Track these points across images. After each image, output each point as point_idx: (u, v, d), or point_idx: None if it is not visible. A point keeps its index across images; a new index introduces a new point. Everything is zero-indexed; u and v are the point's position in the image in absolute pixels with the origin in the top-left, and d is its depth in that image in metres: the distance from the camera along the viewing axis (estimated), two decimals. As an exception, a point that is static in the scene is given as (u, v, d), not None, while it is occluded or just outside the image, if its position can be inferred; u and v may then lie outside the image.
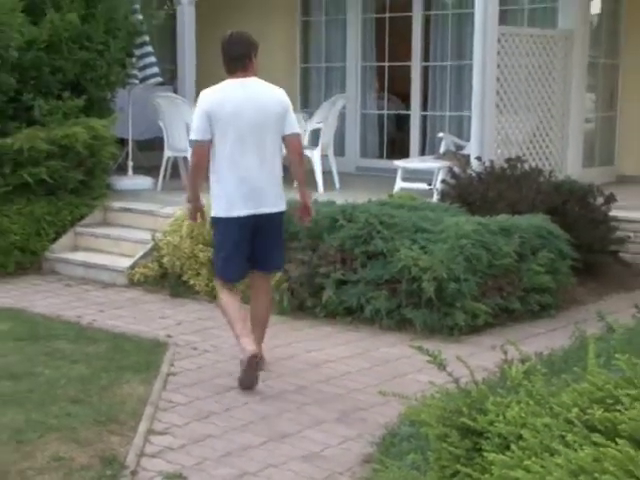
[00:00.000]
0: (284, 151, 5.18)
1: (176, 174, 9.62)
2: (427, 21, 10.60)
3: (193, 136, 4.98)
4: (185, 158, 9.37)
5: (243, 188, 4.94)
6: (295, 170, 5.19)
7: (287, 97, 5.15)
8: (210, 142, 4.94)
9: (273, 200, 5.05)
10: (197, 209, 5.21)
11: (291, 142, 5.07)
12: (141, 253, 7.68)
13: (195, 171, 5.07)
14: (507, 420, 2.54)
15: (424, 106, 10.68)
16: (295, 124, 5.07)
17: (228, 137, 4.92)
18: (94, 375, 5.12)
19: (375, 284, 6.16)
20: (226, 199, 4.96)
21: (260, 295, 5.26)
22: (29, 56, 8.27)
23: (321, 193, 8.88)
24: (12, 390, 4.85)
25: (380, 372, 5.25)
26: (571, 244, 6.59)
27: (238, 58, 5.07)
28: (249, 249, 5.05)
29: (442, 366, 2.90)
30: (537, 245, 6.41)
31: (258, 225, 5.01)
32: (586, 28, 9.07)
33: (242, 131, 4.92)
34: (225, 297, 5.14)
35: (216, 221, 5.06)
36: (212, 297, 6.92)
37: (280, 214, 5.14)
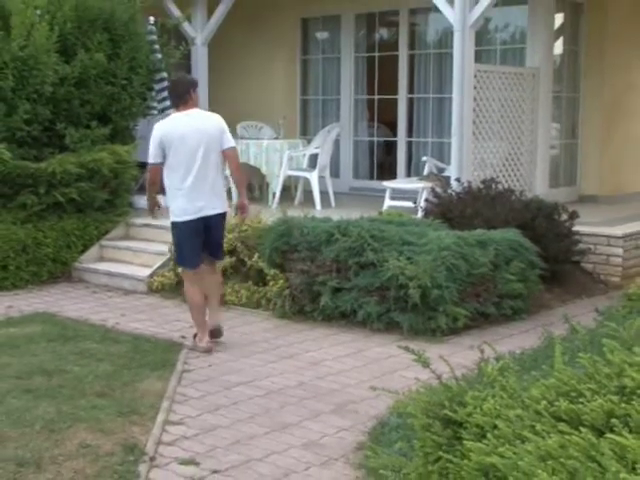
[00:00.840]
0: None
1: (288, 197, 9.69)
2: (412, 59, 10.60)
3: (150, 160, 5.61)
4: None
5: (192, 196, 5.53)
6: (234, 175, 5.92)
7: (223, 121, 5.71)
8: (162, 164, 5.57)
9: (216, 204, 5.64)
10: (153, 204, 5.88)
11: (229, 154, 5.67)
12: (159, 263, 7.66)
13: (150, 186, 5.78)
14: (484, 412, 2.53)
15: (409, 133, 10.67)
16: (231, 140, 5.64)
17: (178, 157, 5.52)
18: (117, 372, 5.10)
19: (367, 291, 6.14)
20: (180, 207, 5.57)
21: (209, 275, 5.83)
22: (62, 91, 8.30)
23: (319, 210, 8.88)
24: (45, 385, 4.83)
25: (371, 369, 5.23)
26: (539, 255, 6.58)
27: (180, 96, 5.65)
28: (201, 243, 5.67)
29: (426, 364, 2.89)
30: (510, 256, 6.40)
31: (207, 225, 5.62)
32: (550, 66, 9.11)
33: (189, 151, 5.53)
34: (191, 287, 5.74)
35: (174, 224, 5.68)
36: (222, 302, 6.91)
37: (221, 214, 5.73)
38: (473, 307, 6.10)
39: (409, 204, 8.20)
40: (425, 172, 9.01)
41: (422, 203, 7.88)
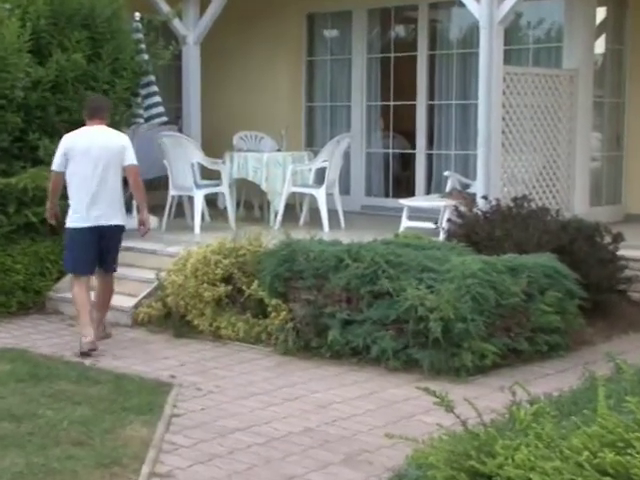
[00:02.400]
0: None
1: (180, 213, 9.66)
2: (432, 60, 10.69)
3: (53, 167, 6.79)
4: (191, 197, 9.42)
5: (89, 206, 6.63)
6: (134, 191, 6.92)
7: (127, 139, 6.85)
8: (64, 173, 6.71)
9: (111, 216, 6.70)
10: (53, 214, 7.02)
11: (129, 170, 6.76)
12: (145, 292, 7.67)
13: (52, 193, 6.92)
14: (516, 463, 2.51)
15: (429, 145, 10.74)
16: (132, 158, 6.71)
17: (80, 167, 6.65)
18: (97, 417, 5.08)
19: (381, 324, 6.14)
20: (77, 214, 6.67)
21: (101, 285, 6.99)
22: (35, 96, 8.32)
23: (326, 232, 8.90)
24: (13, 432, 4.81)
25: (387, 414, 5.21)
26: (579, 283, 6.57)
27: (99, 110, 6.85)
28: (95, 253, 6.73)
29: (449, 408, 2.88)
30: (545, 284, 6.39)
31: (101, 235, 6.68)
32: (590, 67, 9.14)
33: (90, 162, 6.63)
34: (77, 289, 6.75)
35: (66, 230, 6.78)
36: (216, 337, 6.92)
37: (118, 227, 6.77)
38: (503, 343, 6.09)
39: (429, 225, 8.21)
40: (447, 189, 9.04)
41: (444, 224, 7.89)
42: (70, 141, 6.75)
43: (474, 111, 9.00)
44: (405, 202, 8.77)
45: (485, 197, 7.69)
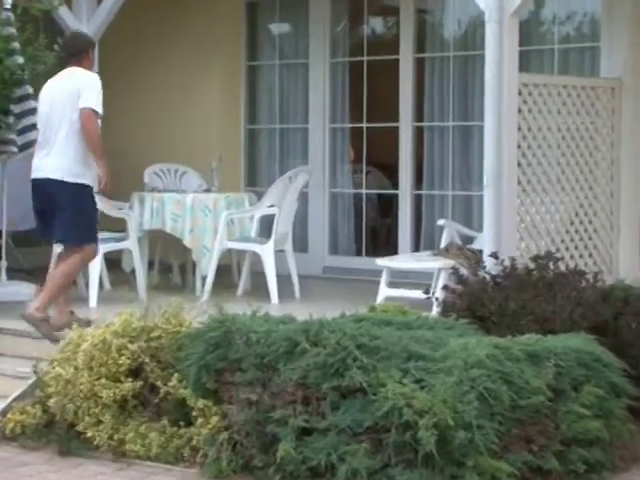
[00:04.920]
0: None
1: None
2: (420, 66, 10.82)
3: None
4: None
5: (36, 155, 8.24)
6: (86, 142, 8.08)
7: (87, 79, 8.06)
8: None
9: (50, 167, 8.00)
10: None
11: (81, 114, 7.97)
12: (17, 392, 7.57)
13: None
14: None
15: (418, 183, 10.81)
16: (88, 100, 7.91)
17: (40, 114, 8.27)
18: None
19: (352, 434, 6.10)
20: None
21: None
22: None
23: (275, 304, 8.88)
24: None
25: None
26: (627, 375, 6.59)
27: (75, 53, 8.26)
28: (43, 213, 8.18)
29: None
30: (579, 377, 6.41)
31: (43, 191, 8.03)
32: (639, 76, 9.16)
33: (46, 108, 8.15)
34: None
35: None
36: (119, 455, 6.84)
37: (59, 183, 7.96)
38: (522, 459, 6.07)
39: (418, 294, 8.20)
40: (443, 243, 9.06)
41: (438, 293, 7.90)
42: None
43: (478, 136, 9.10)
44: (385, 263, 8.77)
45: (495, 255, 7.71)
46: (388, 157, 10.99)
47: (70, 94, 7.96)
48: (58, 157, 8.01)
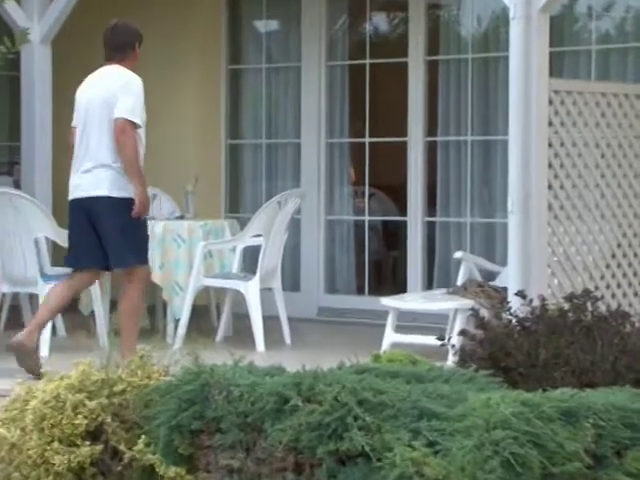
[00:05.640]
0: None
1: (17, 321, 9.63)
2: (433, 71, 10.89)
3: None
4: (34, 296, 9.35)
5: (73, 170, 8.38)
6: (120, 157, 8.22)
7: (124, 81, 8.22)
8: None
9: (93, 185, 8.21)
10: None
11: (116, 126, 8.11)
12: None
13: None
14: None
15: (430, 208, 10.85)
16: (124, 109, 8.05)
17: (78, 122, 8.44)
18: None
19: (352, 508, 6.12)
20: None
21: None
22: None
23: (261, 352, 8.91)
24: None
25: None
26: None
27: (118, 47, 8.49)
28: (87, 239, 8.32)
29: None
30: (623, 440, 6.40)
31: (88, 214, 8.23)
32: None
33: (82, 115, 8.36)
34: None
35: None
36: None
37: (105, 200, 8.17)
38: (556, 538, 6.09)
39: (430, 340, 8.21)
40: (460, 280, 9.10)
41: (455, 338, 7.90)
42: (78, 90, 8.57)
43: (502, 153, 9.14)
44: (391, 303, 8.81)
45: (522, 294, 7.71)
46: (395, 177, 11.04)
47: (106, 100, 8.16)
48: (100, 170, 8.19)
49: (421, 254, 10.77)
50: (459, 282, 9.09)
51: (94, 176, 8.20)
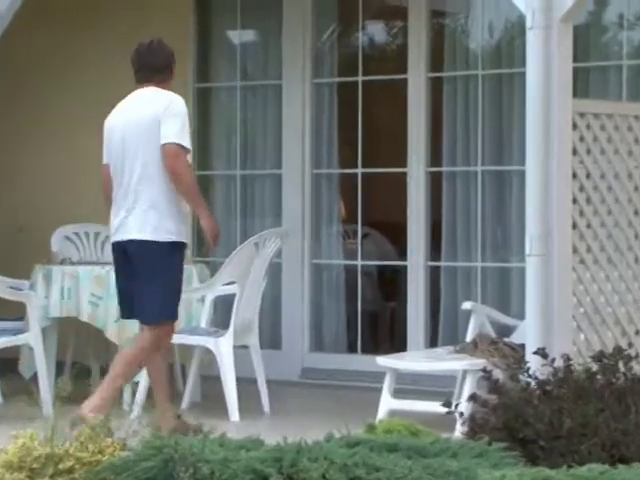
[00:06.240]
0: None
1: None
2: (436, 89, 10.92)
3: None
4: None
5: (113, 210, 8.39)
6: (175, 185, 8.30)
7: (168, 103, 8.20)
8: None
9: (132, 226, 8.22)
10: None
11: (164, 152, 8.15)
12: None
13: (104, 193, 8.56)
14: None
15: (435, 251, 10.86)
16: (171, 134, 8.05)
17: (110, 156, 8.45)
18: None
19: None
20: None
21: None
22: None
23: (235, 422, 8.86)
24: None
25: None
26: None
27: (157, 68, 8.42)
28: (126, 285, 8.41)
29: None
30: (665, 525, 6.37)
31: (125, 258, 8.29)
32: None
33: (116, 147, 8.37)
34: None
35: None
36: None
37: (141, 243, 8.17)
38: None
39: (435, 407, 8.17)
40: (469, 335, 9.08)
41: (464, 405, 7.86)
42: (108, 119, 8.56)
43: (518, 186, 9.13)
44: (389, 363, 8.79)
45: (543, 352, 7.68)
46: (392, 215, 11.05)
47: (149, 126, 8.14)
48: (143, 210, 8.21)
49: (423, 305, 10.77)
50: (468, 338, 9.11)
51: (136, 217, 8.19)
